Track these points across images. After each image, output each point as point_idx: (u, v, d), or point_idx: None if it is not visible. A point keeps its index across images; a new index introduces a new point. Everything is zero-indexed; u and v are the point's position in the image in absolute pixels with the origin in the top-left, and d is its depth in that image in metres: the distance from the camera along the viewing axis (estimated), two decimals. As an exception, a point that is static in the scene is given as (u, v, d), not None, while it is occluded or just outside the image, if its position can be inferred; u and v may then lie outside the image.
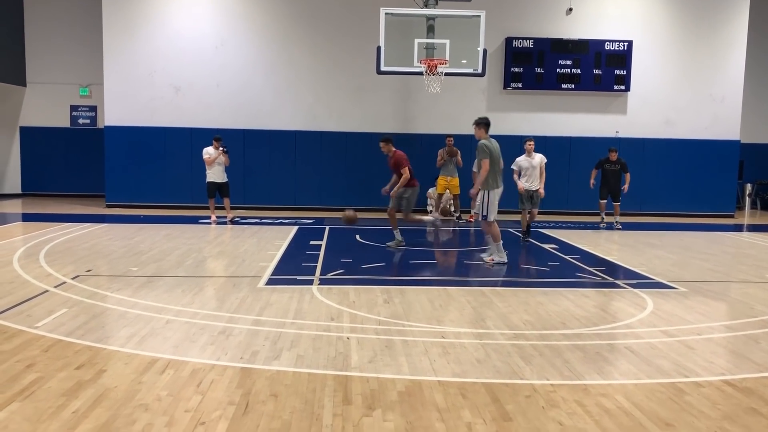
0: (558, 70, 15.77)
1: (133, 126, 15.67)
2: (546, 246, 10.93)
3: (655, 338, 5.61)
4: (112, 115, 15.74)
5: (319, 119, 16.06)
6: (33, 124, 18.30)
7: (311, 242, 10.71)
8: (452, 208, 14.40)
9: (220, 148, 12.82)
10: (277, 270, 8.29)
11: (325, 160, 16.00)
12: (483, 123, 8.93)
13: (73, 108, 18.32)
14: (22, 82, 18.08)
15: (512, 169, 11.24)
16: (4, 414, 3.73)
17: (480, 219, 9.05)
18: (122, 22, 15.55)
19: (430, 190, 14.83)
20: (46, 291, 6.84)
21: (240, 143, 15.63)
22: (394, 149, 10.09)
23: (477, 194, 8.94)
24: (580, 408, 4.02)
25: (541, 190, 11.23)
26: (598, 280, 8.25)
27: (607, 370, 4.81)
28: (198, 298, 6.71)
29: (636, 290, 7.53)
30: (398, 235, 10.23)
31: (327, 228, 12.50)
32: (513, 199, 11.37)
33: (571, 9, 15.80)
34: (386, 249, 10.06)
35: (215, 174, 12.91)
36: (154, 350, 4.95)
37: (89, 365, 4.59)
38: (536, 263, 9.57)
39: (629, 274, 8.56)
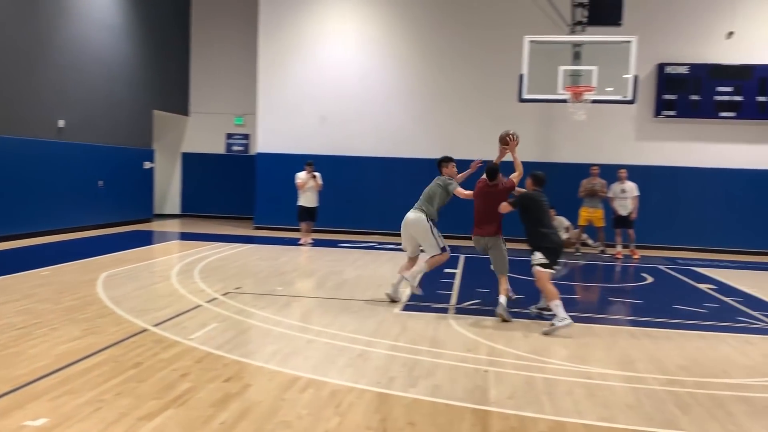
0: (716, 97, 14.73)
1: (282, 153, 16.55)
2: (702, 286, 10.09)
3: (838, 396, 4.95)
4: (264, 143, 16.76)
5: (459, 147, 16.04)
6: (193, 150, 19.88)
7: (445, 270, 10.62)
8: (590, 241, 14.04)
9: (310, 173, 13.43)
10: (414, 296, 8.28)
11: (467, 187, 15.88)
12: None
13: (228, 136, 19.71)
14: (185, 112, 19.75)
15: None
16: (161, 419, 3.97)
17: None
18: (275, 56, 16.58)
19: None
20: (199, 306, 7.28)
21: (379, 170, 15.98)
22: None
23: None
24: (749, 469, 3.60)
25: None
26: (765, 326, 7.45)
27: (780, 428, 4.29)
28: (338, 320, 6.84)
29: (811, 340, 6.72)
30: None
31: (462, 257, 12.36)
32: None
33: (731, 33, 14.70)
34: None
35: (306, 198, 13.58)
36: (295, 368, 5.08)
37: (236, 378, 4.79)
38: (691, 304, 8.80)
39: (802, 322, 7.67)
